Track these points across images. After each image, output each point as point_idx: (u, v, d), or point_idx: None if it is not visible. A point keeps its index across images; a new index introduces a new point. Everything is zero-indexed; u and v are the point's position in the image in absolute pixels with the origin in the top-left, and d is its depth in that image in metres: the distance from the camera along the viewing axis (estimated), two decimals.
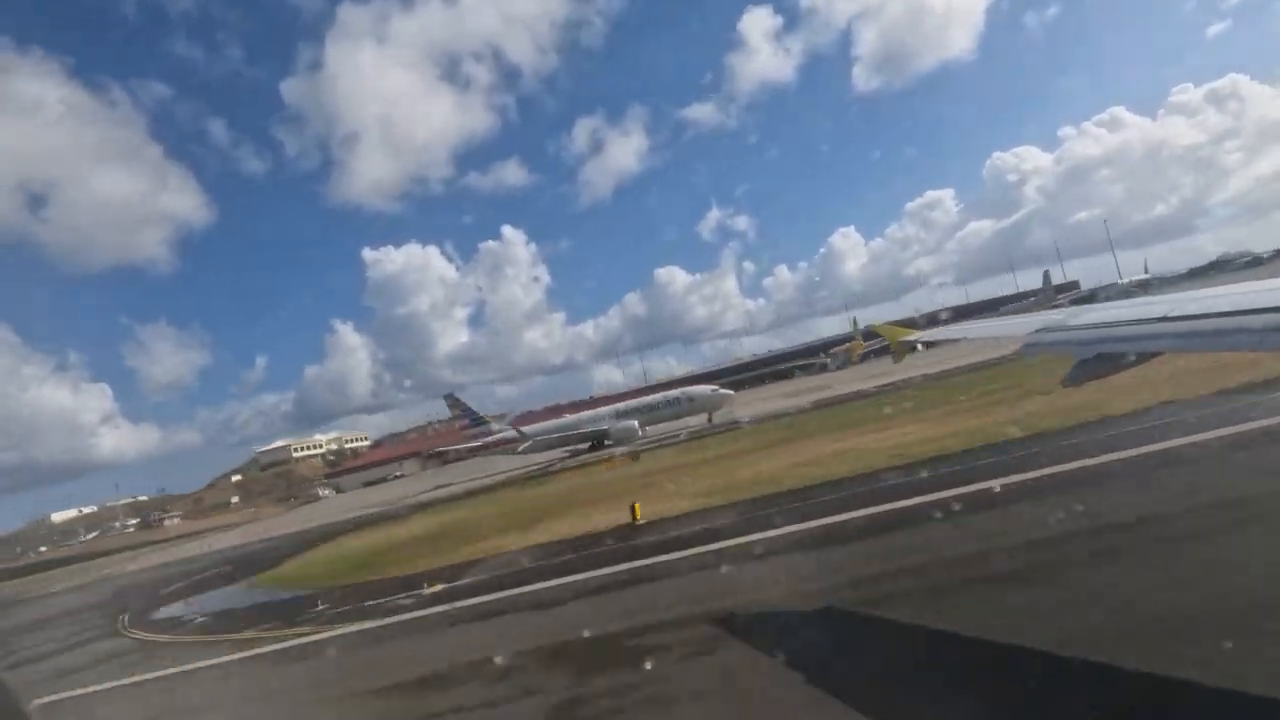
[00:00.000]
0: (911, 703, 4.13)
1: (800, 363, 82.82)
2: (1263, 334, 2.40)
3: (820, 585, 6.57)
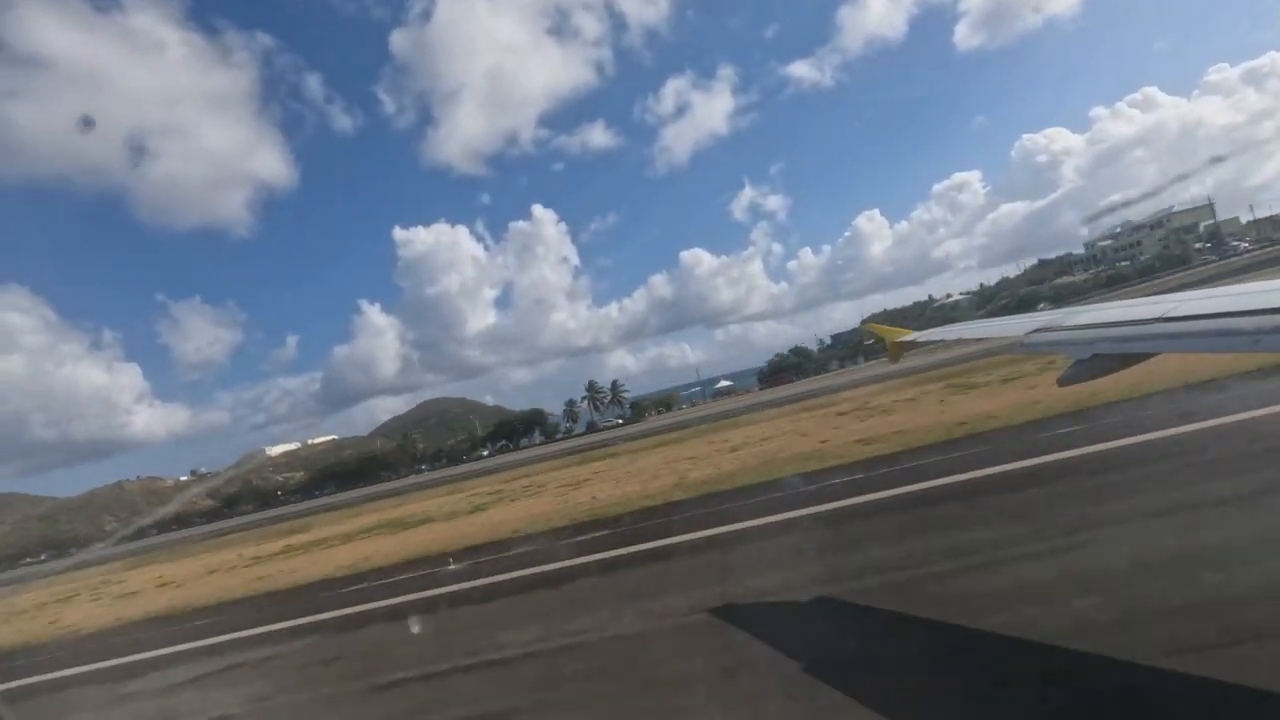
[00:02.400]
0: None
1: None
2: (1257, 335, 2.32)
3: None
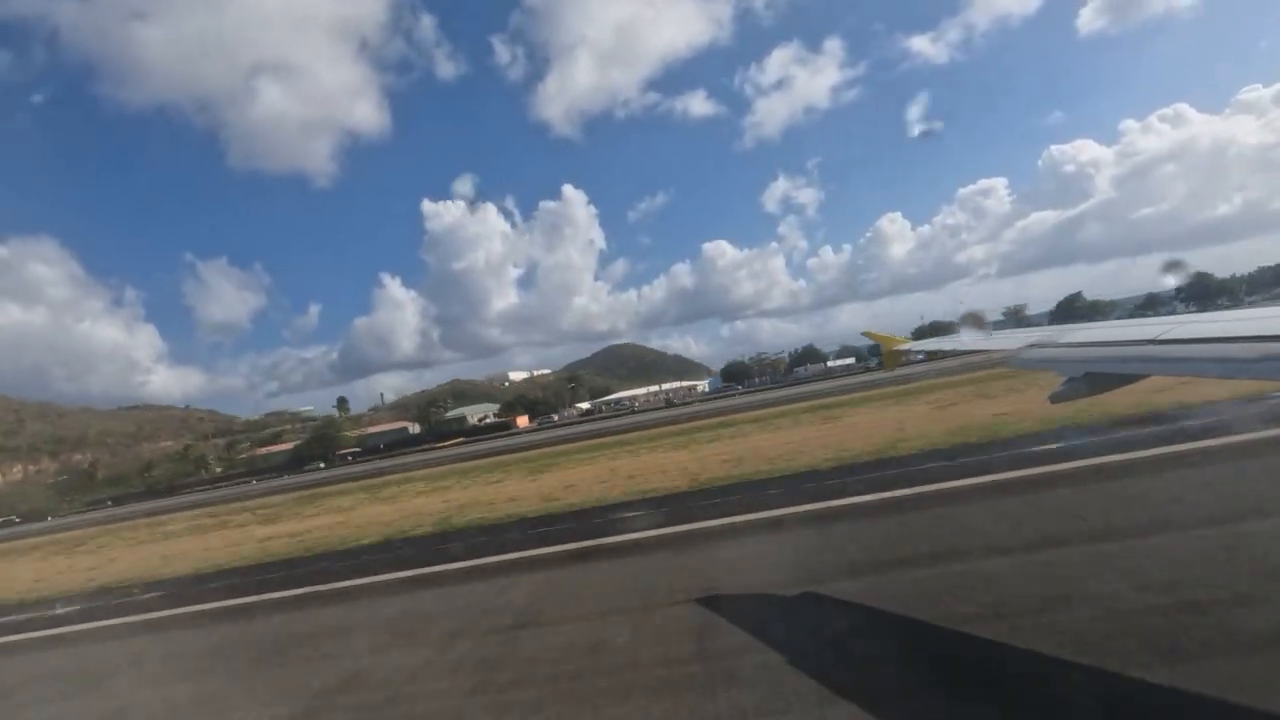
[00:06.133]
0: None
1: None
2: (1253, 363, 2.26)
3: None
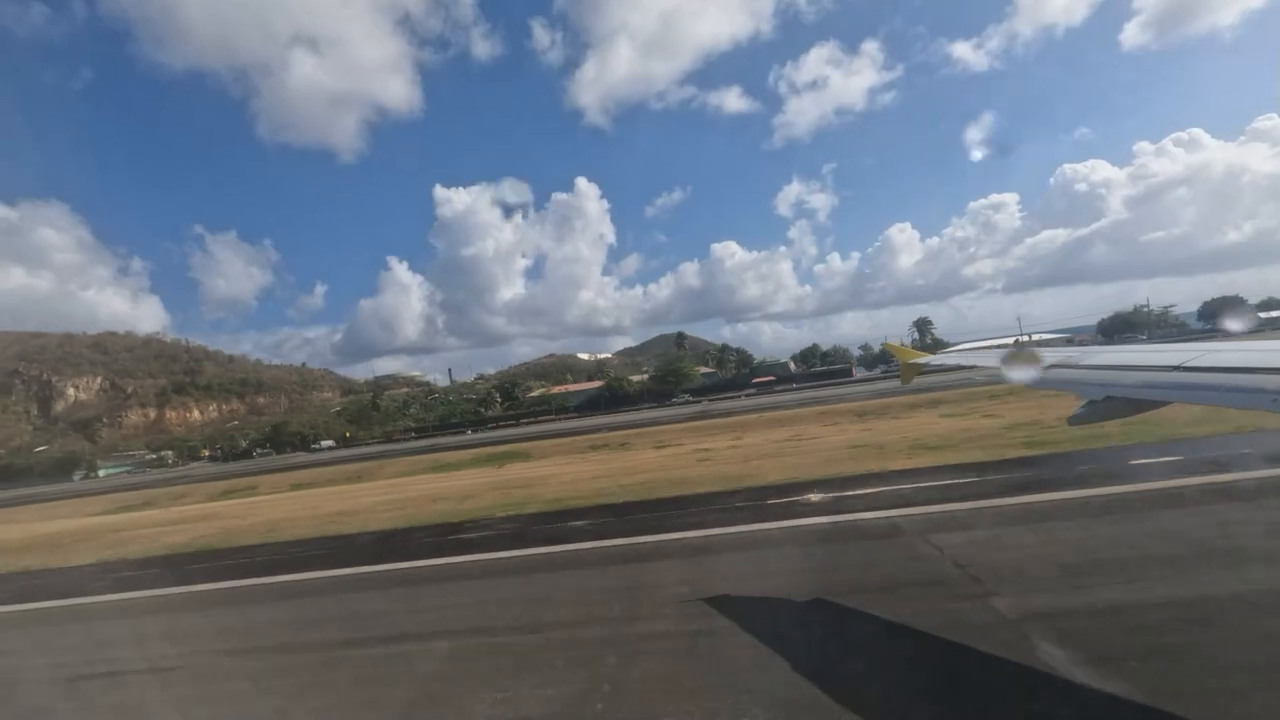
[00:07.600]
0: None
1: None
2: (1277, 395, 2.30)
3: None
